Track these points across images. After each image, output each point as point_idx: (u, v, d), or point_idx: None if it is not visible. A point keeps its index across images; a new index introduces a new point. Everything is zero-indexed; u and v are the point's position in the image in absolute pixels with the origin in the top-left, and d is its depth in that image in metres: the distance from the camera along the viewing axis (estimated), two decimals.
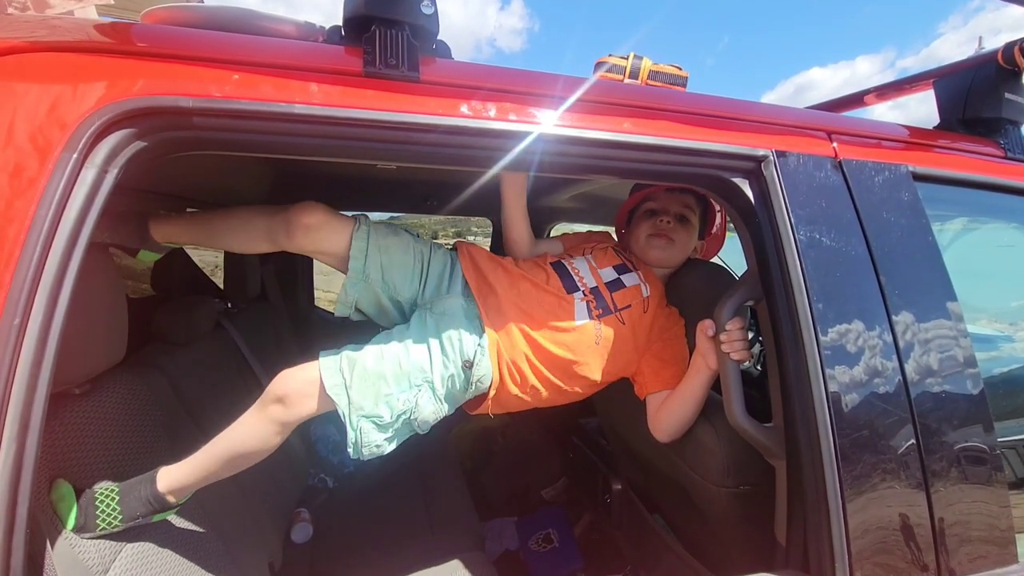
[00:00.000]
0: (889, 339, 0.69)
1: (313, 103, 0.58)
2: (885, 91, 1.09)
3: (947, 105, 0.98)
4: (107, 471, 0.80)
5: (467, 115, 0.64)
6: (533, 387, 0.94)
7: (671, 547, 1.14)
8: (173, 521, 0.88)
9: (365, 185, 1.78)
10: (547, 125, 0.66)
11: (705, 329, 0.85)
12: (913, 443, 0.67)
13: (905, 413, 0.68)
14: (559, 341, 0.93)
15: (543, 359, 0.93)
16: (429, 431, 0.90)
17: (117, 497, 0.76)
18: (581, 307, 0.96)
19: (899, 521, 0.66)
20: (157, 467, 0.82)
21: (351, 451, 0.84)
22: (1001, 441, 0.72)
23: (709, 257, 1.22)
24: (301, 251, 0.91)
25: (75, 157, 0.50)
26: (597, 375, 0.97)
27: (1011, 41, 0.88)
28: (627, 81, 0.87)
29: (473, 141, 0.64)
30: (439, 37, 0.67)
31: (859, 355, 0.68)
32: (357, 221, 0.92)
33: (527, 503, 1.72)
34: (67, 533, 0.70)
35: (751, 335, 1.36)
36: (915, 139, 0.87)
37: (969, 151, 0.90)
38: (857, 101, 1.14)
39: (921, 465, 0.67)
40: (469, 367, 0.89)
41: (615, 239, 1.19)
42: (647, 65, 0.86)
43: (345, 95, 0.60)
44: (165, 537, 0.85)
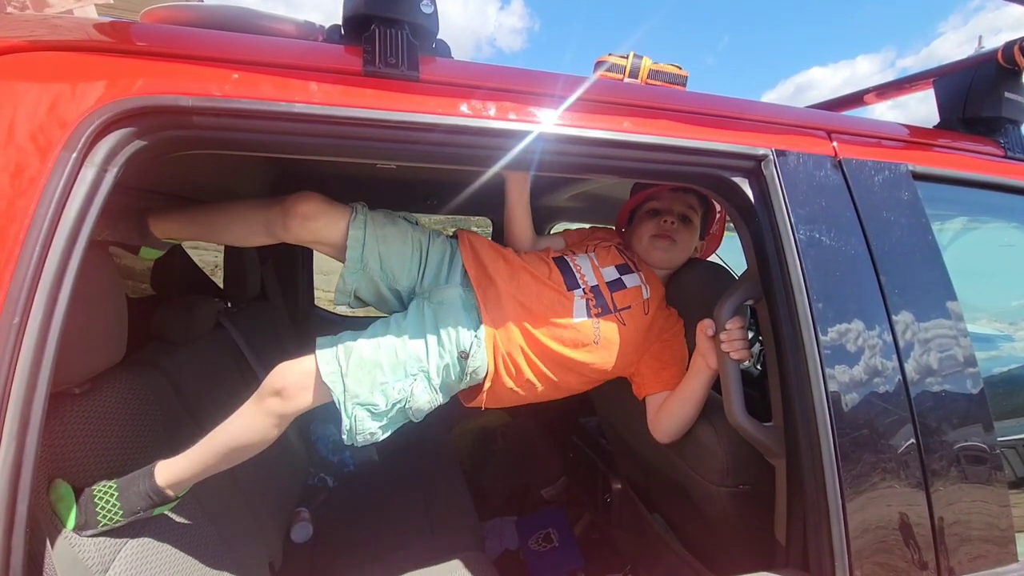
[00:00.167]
0: (889, 338, 0.69)
1: (313, 102, 0.58)
2: (885, 90, 1.09)
3: (947, 104, 0.98)
4: (107, 470, 0.80)
5: (467, 114, 0.64)
6: (528, 381, 0.94)
7: (671, 547, 1.14)
8: (173, 520, 0.88)
9: (365, 184, 1.78)
10: (547, 124, 0.66)
11: (705, 329, 0.85)
12: (913, 442, 0.67)
13: (905, 412, 0.68)
14: (556, 337, 0.93)
15: (539, 354, 0.93)
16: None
17: (116, 493, 0.76)
18: (580, 305, 0.96)
19: (899, 520, 0.66)
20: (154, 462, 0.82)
21: (345, 437, 0.84)
22: (1001, 440, 0.72)
23: (707, 256, 1.22)
24: (298, 241, 0.91)
25: (75, 156, 0.50)
26: (594, 373, 0.97)
27: (1011, 40, 0.87)
28: (627, 80, 0.86)
29: (473, 140, 0.64)
30: (439, 36, 0.66)
31: (859, 354, 0.68)
32: (354, 210, 0.92)
33: (527, 503, 1.72)
34: (67, 532, 0.70)
35: (751, 334, 1.36)
36: (915, 138, 0.87)
37: (969, 150, 0.90)
38: (857, 100, 1.14)
39: (921, 464, 0.67)
40: (465, 358, 0.89)
41: (619, 236, 1.18)
42: (647, 64, 0.86)
43: (345, 94, 0.60)
44: (165, 536, 0.85)
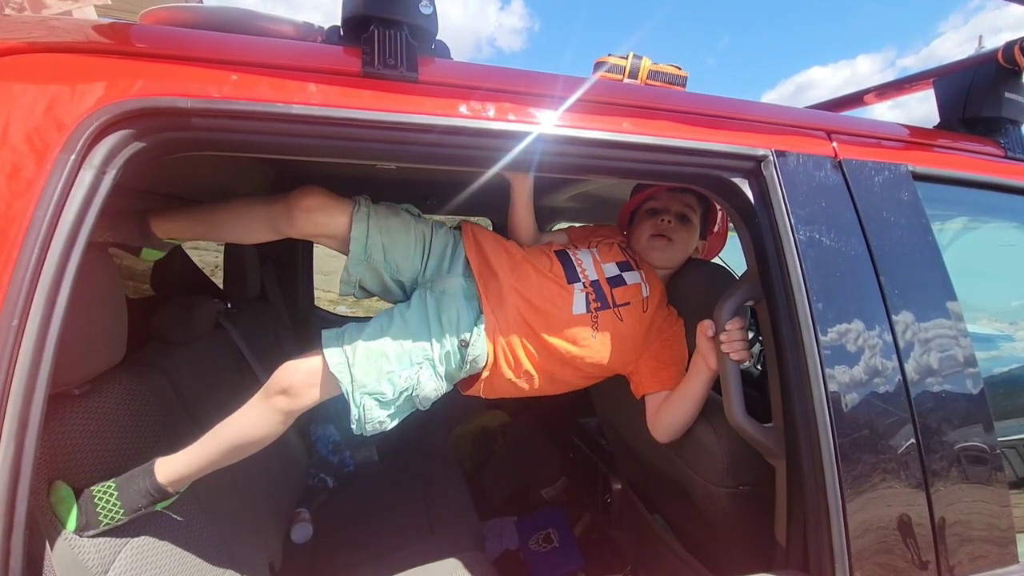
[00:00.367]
0: (889, 339, 0.69)
1: (312, 103, 0.58)
2: (885, 90, 1.09)
3: (947, 104, 0.98)
4: (107, 471, 0.80)
5: (466, 115, 0.63)
6: (527, 372, 0.94)
7: (671, 547, 1.14)
8: (173, 522, 0.88)
9: (364, 184, 1.77)
10: (546, 125, 0.66)
11: (705, 329, 0.85)
12: (913, 443, 0.67)
13: (905, 413, 0.68)
14: (555, 329, 0.94)
15: (537, 345, 0.94)
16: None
17: (116, 492, 0.77)
18: (580, 298, 0.96)
19: (899, 521, 0.66)
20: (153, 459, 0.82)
21: (354, 427, 0.85)
22: (1001, 441, 0.72)
23: (712, 256, 1.22)
24: (303, 235, 0.91)
25: (73, 158, 0.50)
26: (590, 368, 0.98)
27: (1011, 40, 0.87)
28: (627, 81, 0.86)
29: (472, 141, 0.64)
30: (438, 37, 0.66)
31: (859, 355, 0.67)
32: (356, 202, 0.93)
33: (527, 503, 1.72)
34: (67, 534, 0.70)
35: (751, 335, 1.36)
36: (915, 139, 0.87)
37: (969, 150, 0.90)
38: (857, 100, 1.13)
39: (921, 465, 0.67)
40: (465, 346, 0.90)
41: (622, 235, 1.19)
42: (647, 65, 0.86)
43: (344, 95, 0.60)
44: (165, 537, 0.85)
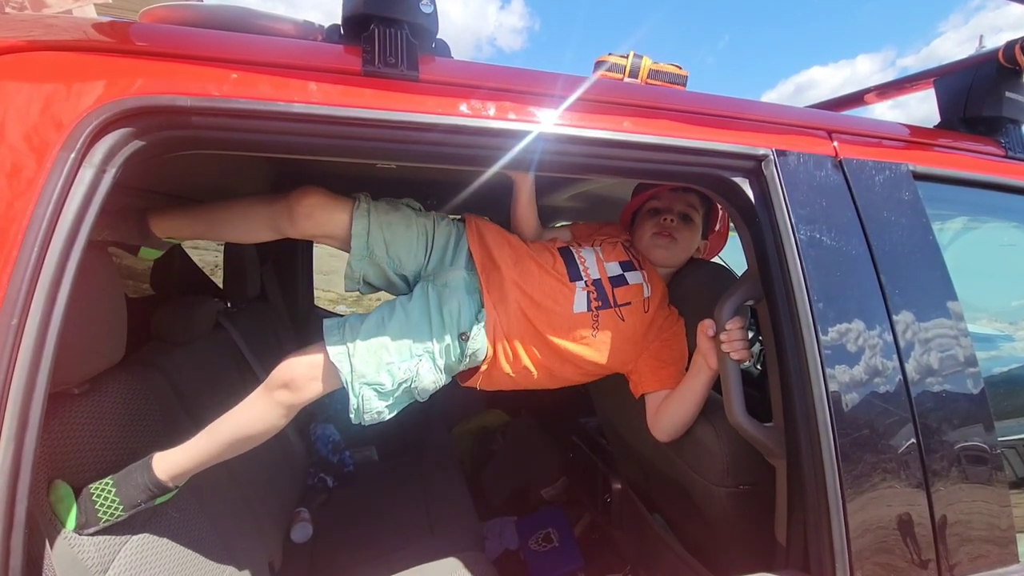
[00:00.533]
0: (889, 338, 0.69)
1: (312, 102, 0.58)
2: (885, 90, 1.09)
3: (948, 104, 0.98)
4: (106, 471, 0.80)
5: (466, 114, 0.63)
6: (525, 367, 0.94)
7: (671, 547, 1.14)
8: (173, 521, 0.88)
9: (365, 184, 1.77)
10: (547, 124, 0.65)
11: (705, 329, 0.85)
12: (913, 442, 0.67)
13: (905, 413, 0.67)
14: (555, 326, 0.94)
15: (537, 341, 0.94)
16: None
17: (114, 489, 0.77)
18: (581, 296, 0.96)
19: (899, 521, 0.66)
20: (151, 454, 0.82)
21: (352, 416, 0.85)
22: (1001, 440, 0.72)
23: (713, 255, 1.21)
24: (304, 235, 0.91)
25: (73, 156, 0.49)
26: (590, 366, 0.98)
27: (1012, 40, 0.87)
28: (627, 80, 0.86)
29: (473, 140, 0.64)
30: (438, 36, 0.66)
31: (859, 354, 0.67)
32: (356, 199, 0.93)
33: (527, 503, 1.72)
34: (66, 533, 0.70)
35: (751, 335, 1.36)
36: (916, 138, 0.87)
37: (970, 150, 0.90)
38: (857, 100, 1.13)
39: (921, 464, 0.67)
40: (465, 339, 0.90)
41: (626, 234, 1.18)
42: (647, 64, 0.86)
43: (344, 94, 0.60)
44: (165, 536, 0.85)
